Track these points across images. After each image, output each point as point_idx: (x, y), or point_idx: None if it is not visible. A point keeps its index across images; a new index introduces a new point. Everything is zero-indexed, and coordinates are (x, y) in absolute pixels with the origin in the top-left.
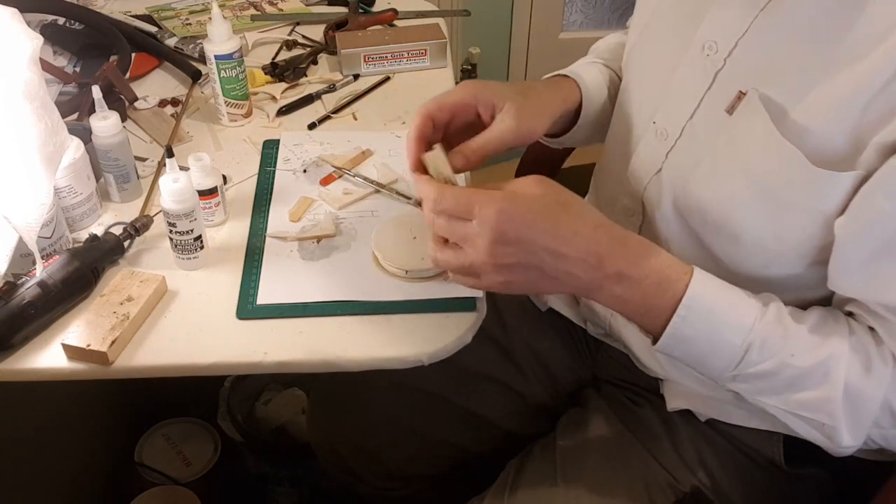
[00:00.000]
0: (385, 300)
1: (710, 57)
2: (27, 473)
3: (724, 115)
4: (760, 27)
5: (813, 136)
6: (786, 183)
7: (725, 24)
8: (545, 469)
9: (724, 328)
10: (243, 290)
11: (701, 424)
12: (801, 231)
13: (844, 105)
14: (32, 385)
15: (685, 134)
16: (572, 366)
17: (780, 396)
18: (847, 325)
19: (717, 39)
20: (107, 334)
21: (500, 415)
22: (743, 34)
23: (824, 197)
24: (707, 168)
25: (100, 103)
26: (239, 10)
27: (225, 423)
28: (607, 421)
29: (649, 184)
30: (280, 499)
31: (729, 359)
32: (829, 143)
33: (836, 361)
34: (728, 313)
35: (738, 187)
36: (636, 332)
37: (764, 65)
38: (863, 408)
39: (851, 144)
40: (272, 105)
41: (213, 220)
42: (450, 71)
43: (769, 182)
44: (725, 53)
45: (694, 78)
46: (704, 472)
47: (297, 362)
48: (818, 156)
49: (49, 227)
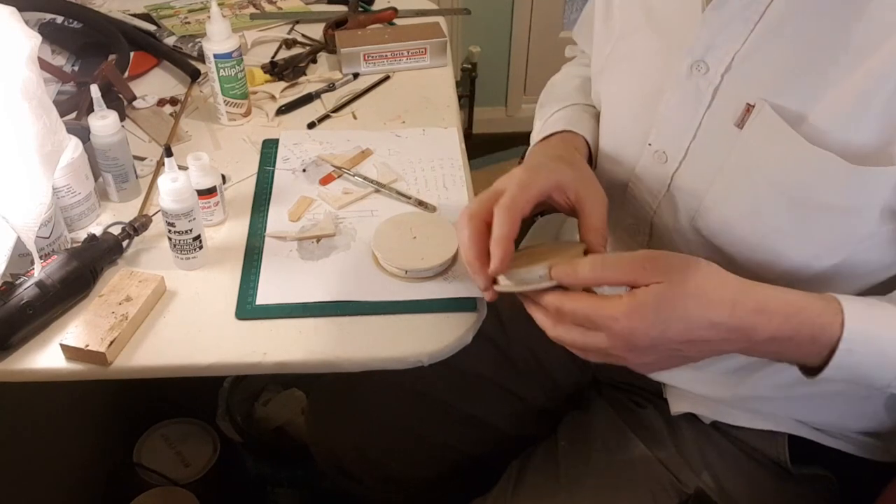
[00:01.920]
0: (385, 300)
1: (704, 76)
2: (26, 474)
3: (734, 130)
4: (759, 39)
5: (839, 138)
6: (818, 187)
7: (716, 42)
8: (548, 471)
9: (888, 347)
10: (242, 290)
11: (705, 426)
12: (839, 231)
13: (865, 100)
14: (31, 385)
15: (690, 154)
16: (572, 368)
17: None
18: None
19: (708, 58)
20: (105, 335)
21: (499, 417)
22: (740, 48)
23: (863, 194)
24: (723, 185)
25: (98, 102)
26: (238, 8)
27: (224, 423)
28: (610, 423)
29: (659, 207)
30: (279, 499)
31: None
32: (859, 141)
33: None
34: (888, 333)
35: (763, 200)
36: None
37: (769, 75)
38: None
39: (882, 140)
40: (271, 104)
41: (212, 219)
42: (450, 70)
43: (798, 190)
44: (722, 69)
45: (688, 99)
46: (709, 473)
47: (297, 362)
48: (852, 155)
49: (47, 226)
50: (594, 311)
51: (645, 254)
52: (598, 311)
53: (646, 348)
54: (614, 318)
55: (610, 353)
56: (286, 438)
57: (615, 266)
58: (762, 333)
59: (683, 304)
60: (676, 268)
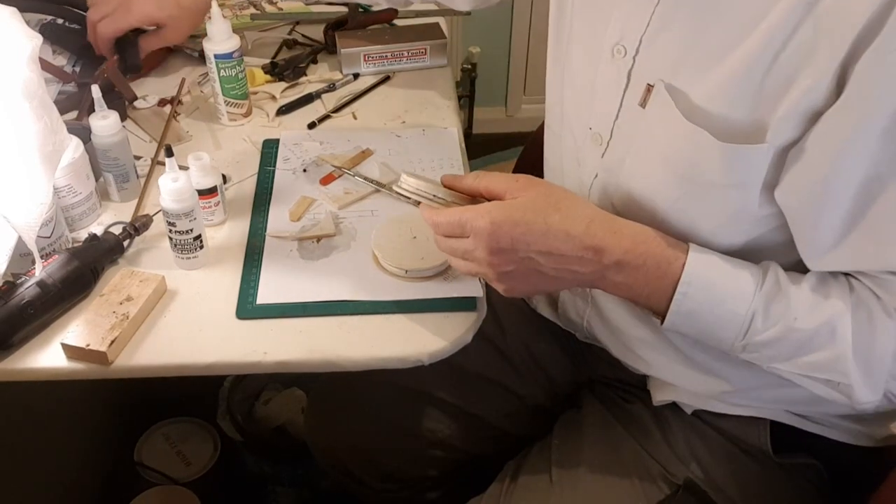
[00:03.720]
0: (385, 300)
1: (621, 58)
2: (26, 473)
3: (639, 110)
4: (658, 21)
5: (716, 117)
6: (699, 164)
7: (627, 24)
8: (541, 468)
9: (727, 299)
10: (243, 290)
11: (690, 417)
12: (724, 210)
13: (740, 82)
14: (32, 385)
15: (614, 135)
16: (568, 367)
17: (791, 361)
18: (847, 282)
19: (623, 40)
20: (106, 334)
21: (498, 416)
22: (644, 30)
23: (738, 172)
24: (631, 162)
25: (99, 102)
26: (238, 9)
27: (224, 422)
28: (600, 419)
29: (591, 189)
30: (279, 499)
31: (736, 329)
32: (734, 120)
33: (841, 319)
34: (729, 284)
35: (659, 176)
36: (611, 335)
37: (666, 56)
38: (875, 362)
39: (755, 119)
40: (272, 104)
41: (213, 219)
42: (450, 70)
43: (684, 167)
44: (633, 52)
45: (611, 80)
46: (697, 463)
47: (297, 362)
48: (724, 134)
49: (48, 226)
50: (461, 214)
51: (523, 175)
52: (464, 213)
53: (506, 250)
54: (480, 215)
55: (476, 257)
56: (286, 438)
57: (493, 177)
58: (611, 255)
59: (545, 211)
60: (544, 184)
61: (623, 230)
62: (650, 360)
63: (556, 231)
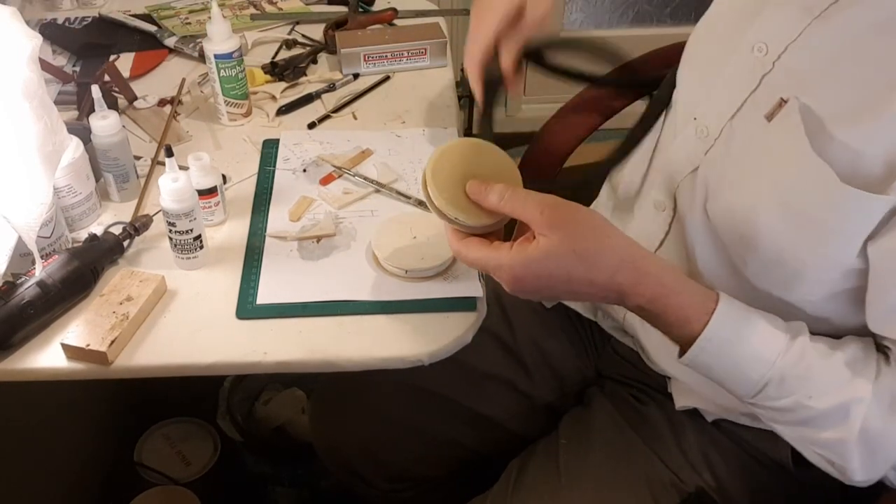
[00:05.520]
0: (385, 300)
1: (759, 58)
2: (27, 473)
3: (763, 122)
4: (812, 35)
5: (847, 154)
6: (811, 199)
7: (778, 26)
8: (548, 468)
9: (743, 363)
10: (243, 290)
11: (707, 425)
12: (822, 253)
13: (885, 128)
14: (32, 385)
15: (724, 134)
16: (578, 364)
17: (794, 429)
18: (875, 367)
19: (769, 41)
20: (106, 334)
21: (506, 415)
22: (794, 39)
23: (851, 219)
24: (738, 173)
25: (99, 103)
26: (238, 9)
27: (224, 422)
28: (611, 419)
29: (683, 181)
30: (280, 499)
31: (746, 389)
32: (864, 163)
33: (858, 405)
34: (747, 351)
35: (763, 197)
36: (652, 329)
37: (810, 74)
38: (881, 451)
39: (888, 169)
40: (272, 104)
41: (213, 219)
42: (450, 70)
43: (794, 197)
44: (775, 57)
45: (741, 78)
46: (710, 472)
47: (297, 362)
48: (850, 175)
49: (48, 226)
50: (486, 261)
51: (547, 200)
52: (488, 261)
53: (530, 292)
54: (501, 268)
55: (499, 280)
56: (286, 438)
57: (518, 202)
58: (633, 301)
59: (567, 262)
60: (570, 224)
61: (648, 279)
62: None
63: (578, 280)
